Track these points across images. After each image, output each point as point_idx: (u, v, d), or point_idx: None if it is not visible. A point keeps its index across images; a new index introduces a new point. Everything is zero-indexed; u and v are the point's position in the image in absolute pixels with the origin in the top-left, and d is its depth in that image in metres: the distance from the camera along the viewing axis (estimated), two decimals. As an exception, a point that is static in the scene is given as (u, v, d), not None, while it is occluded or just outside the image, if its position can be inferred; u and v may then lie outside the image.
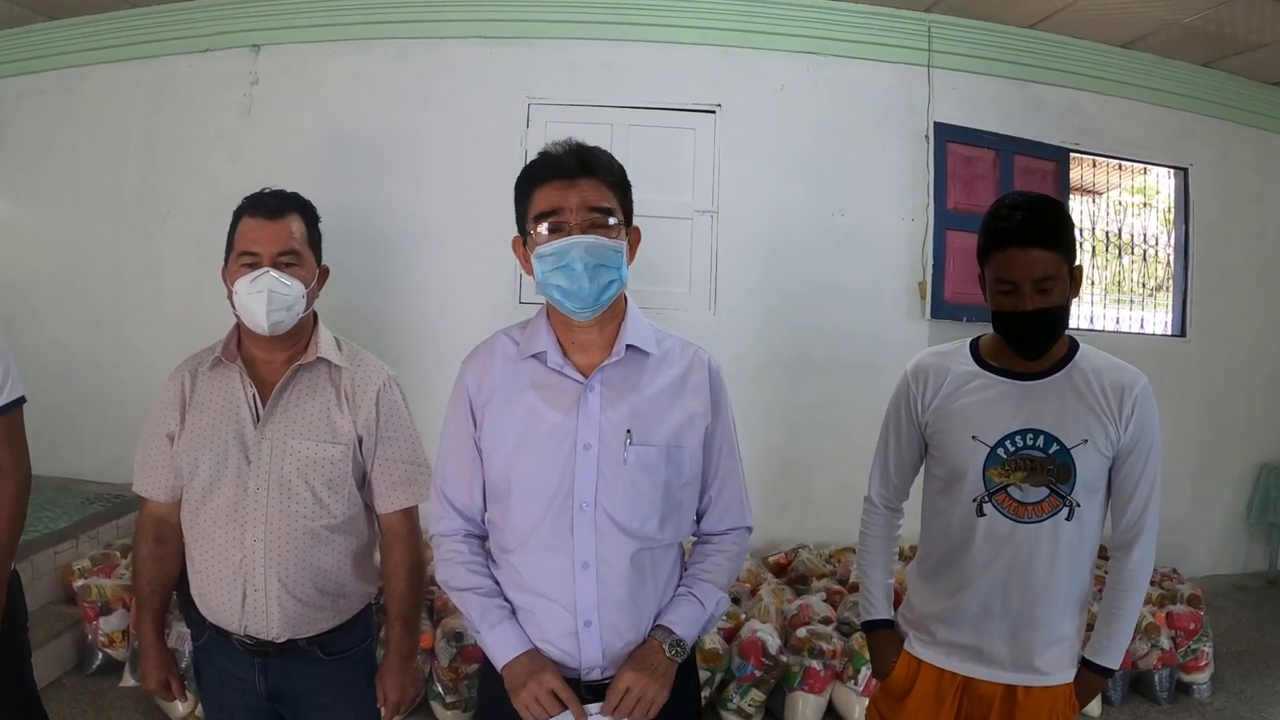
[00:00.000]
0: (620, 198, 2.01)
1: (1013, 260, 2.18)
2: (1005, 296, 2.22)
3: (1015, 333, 2.24)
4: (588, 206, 1.93)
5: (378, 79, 5.97)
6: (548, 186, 1.96)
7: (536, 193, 1.97)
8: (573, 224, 1.92)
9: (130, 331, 6.19)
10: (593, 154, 1.99)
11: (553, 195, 1.94)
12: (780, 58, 5.98)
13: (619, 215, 1.98)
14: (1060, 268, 2.19)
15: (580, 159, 1.96)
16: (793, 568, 5.44)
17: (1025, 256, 2.16)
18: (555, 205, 1.94)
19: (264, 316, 2.24)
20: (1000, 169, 6.21)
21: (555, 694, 1.92)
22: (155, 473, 2.42)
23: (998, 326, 2.29)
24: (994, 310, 2.27)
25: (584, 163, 1.96)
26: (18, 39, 6.33)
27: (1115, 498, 2.35)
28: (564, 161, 1.96)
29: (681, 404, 2.05)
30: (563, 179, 1.95)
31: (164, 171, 6.15)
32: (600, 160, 1.99)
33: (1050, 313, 2.20)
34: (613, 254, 1.94)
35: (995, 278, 2.23)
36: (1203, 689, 4.78)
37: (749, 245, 5.97)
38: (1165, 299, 7.06)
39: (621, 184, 2.03)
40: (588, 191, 1.94)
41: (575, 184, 1.94)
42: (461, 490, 2.12)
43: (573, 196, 1.93)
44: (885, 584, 2.58)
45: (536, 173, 1.99)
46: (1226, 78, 6.64)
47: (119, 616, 4.45)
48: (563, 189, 1.94)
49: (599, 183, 1.96)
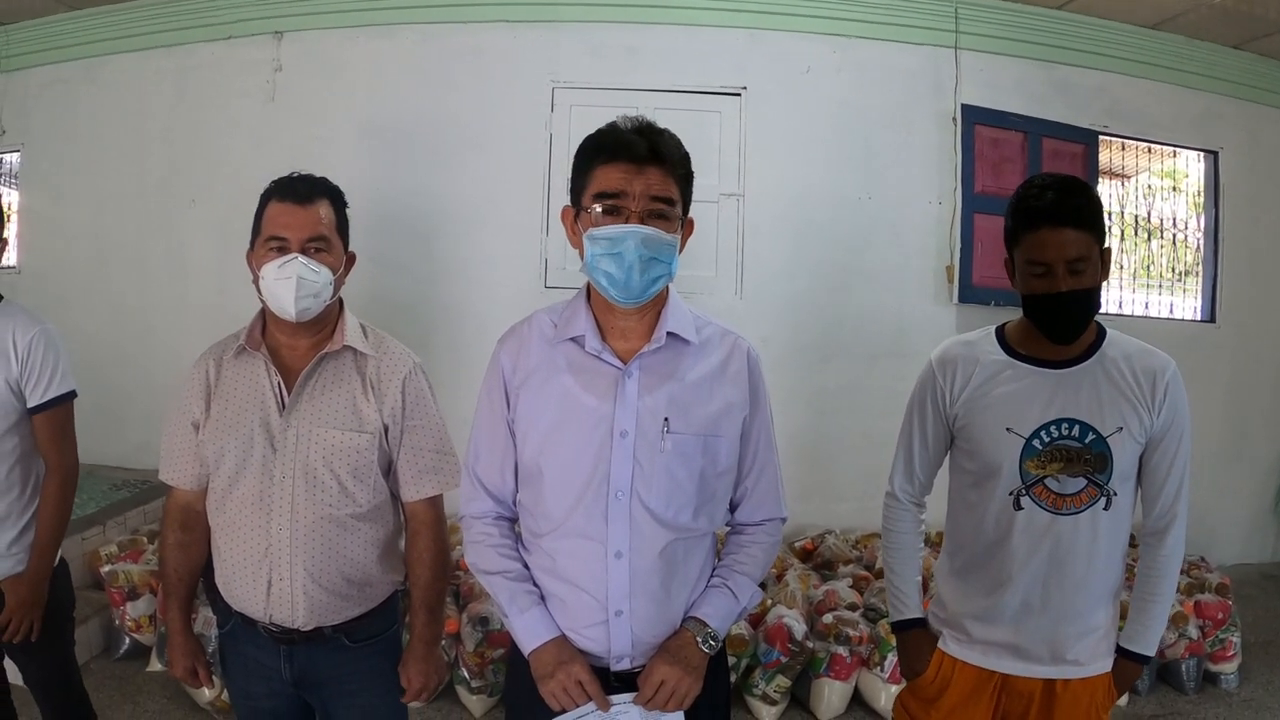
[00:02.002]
0: (684, 189, 1.94)
1: (1045, 241, 2.14)
2: (1038, 279, 2.17)
3: (1049, 316, 2.20)
4: (651, 195, 1.87)
5: (401, 64, 5.96)
6: (613, 166, 1.88)
7: (600, 170, 1.90)
8: (632, 211, 1.86)
9: (156, 319, 6.24)
10: (664, 139, 1.92)
11: (617, 177, 1.87)
12: (806, 40, 5.94)
13: (680, 208, 1.93)
14: (1092, 249, 2.15)
15: (651, 143, 1.88)
16: (819, 553, 5.43)
17: (1058, 236, 2.13)
18: (618, 188, 1.87)
19: (292, 303, 2.22)
20: (1028, 152, 6.15)
21: (582, 685, 1.90)
22: (181, 461, 2.41)
23: (1029, 310, 2.25)
24: (1025, 294, 2.23)
25: (654, 148, 1.88)
26: (41, 29, 6.37)
27: (1147, 484, 2.31)
28: (634, 143, 1.88)
29: (720, 393, 2.01)
30: (630, 162, 1.87)
31: (188, 159, 6.18)
32: (670, 147, 1.92)
33: (1084, 294, 2.16)
34: (667, 248, 1.89)
35: (1027, 259, 2.19)
36: (1230, 679, 4.74)
37: (775, 228, 5.95)
38: (1194, 284, 6.99)
39: (687, 175, 1.96)
40: (653, 179, 1.87)
41: (643, 170, 1.87)
42: (493, 471, 2.09)
43: (638, 183, 1.86)
44: (915, 581, 2.54)
45: (605, 147, 1.91)
46: (1257, 59, 6.55)
47: (146, 601, 4.48)
48: (629, 173, 1.87)
49: (666, 173, 1.89)
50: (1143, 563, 2.36)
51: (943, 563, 2.53)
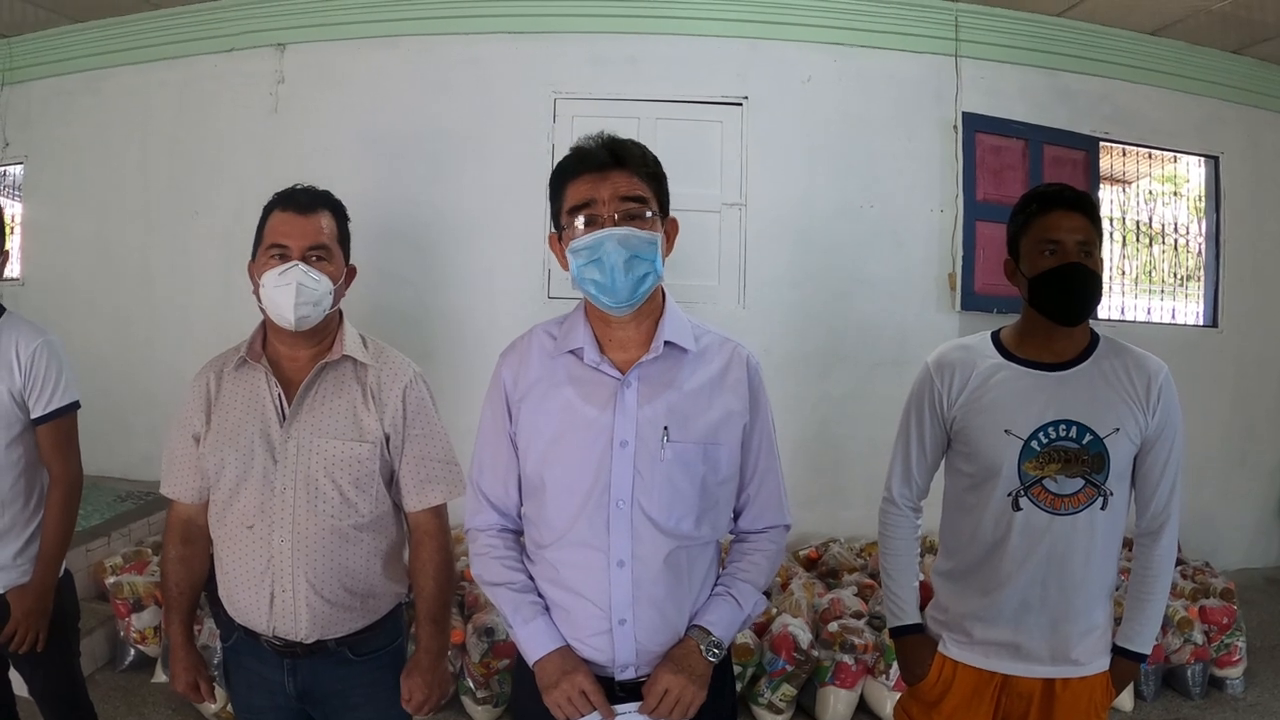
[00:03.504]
0: (655, 188, 1.99)
1: (1059, 221, 2.24)
2: (1049, 256, 2.24)
3: (1060, 292, 2.24)
4: (620, 196, 1.92)
5: (403, 75, 5.98)
6: (580, 180, 1.94)
7: (569, 187, 1.96)
8: (605, 215, 1.91)
9: (160, 330, 6.26)
10: (624, 145, 1.97)
11: (584, 188, 1.93)
12: (807, 49, 5.95)
13: (653, 206, 1.96)
14: (1096, 240, 2.25)
15: (611, 150, 1.95)
16: (824, 562, 5.42)
17: (1070, 218, 2.24)
18: (588, 197, 1.92)
19: (291, 310, 2.23)
20: (1030, 159, 6.15)
21: (586, 694, 1.91)
22: (181, 474, 2.41)
23: (1038, 292, 2.28)
24: (1033, 276, 2.28)
25: (615, 154, 1.95)
26: (43, 42, 6.41)
27: (1141, 485, 2.35)
28: (595, 154, 1.95)
29: (720, 401, 2.03)
30: (594, 171, 1.93)
31: (191, 171, 6.20)
32: (632, 151, 1.97)
33: (1093, 274, 2.23)
34: (647, 245, 1.92)
35: (1039, 239, 2.26)
36: (1236, 684, 4.73)
37: (777, 238, 5.95)
38: (1196, 289, 6.98)
39: (656, 175, 2.01)
40: (620, 182, 1.93)
41: (607, 176, 1.93)
42: (497, 485, 2.11)
43: (604, 188, 1.92)
44: (913, 587, 2.55)
45: (569, 167, 1.98)
46: (1257, 64, 6.56)
47: (151, 613, 4.48)
48: (594, 181, 1.93)
49: (631, 173, 1.94)
50: (1138, 562, 2.40)
51: (940, 564, 2.55)
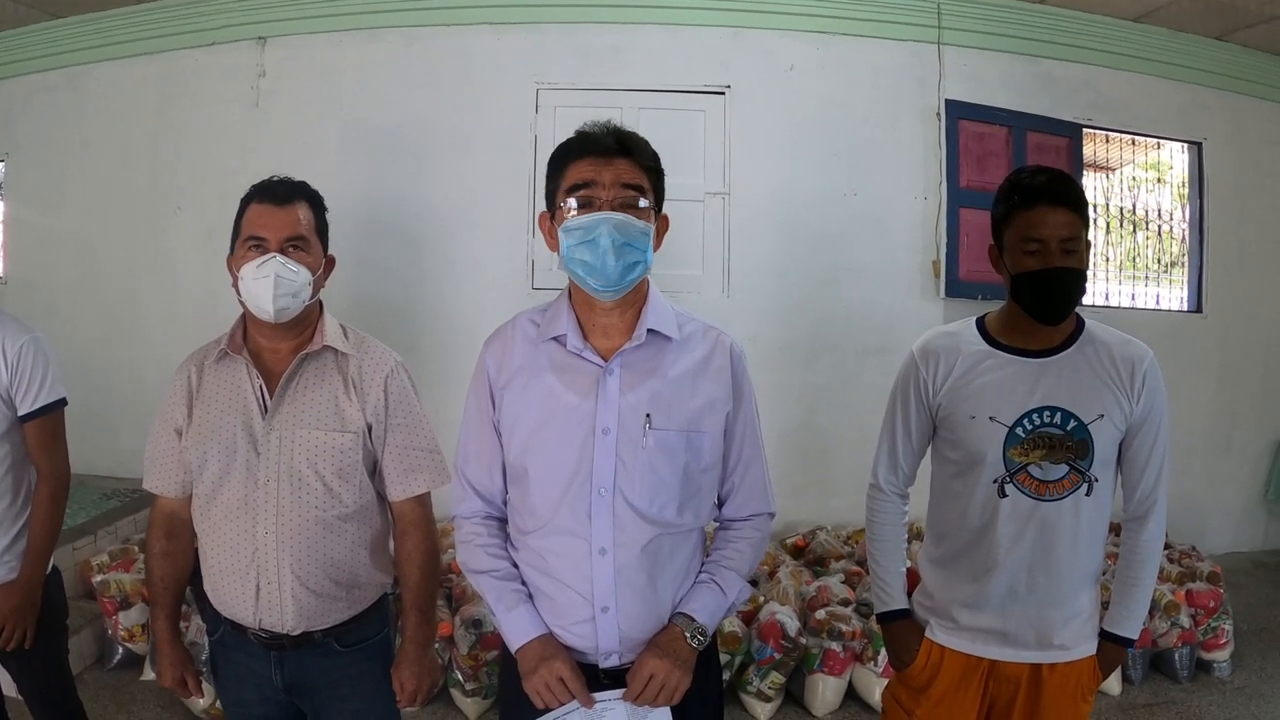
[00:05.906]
0: (654, 182, 2.00)
1: (1042, 218, 2.20)
2: (1031, 256, 2.23)
3: (1041, 294, 2.23)
4: (621, 183, 1.92)
5: (386, 68, 5.96)
6: (583, 161, 1.95)
7: (570, 167, 1.96)
8: (604, 200, 1.91)
9: (145, 325, 6.23)
10: (630, 135, 1.99)
11: (587, 169, 1.93)
12: (790, 38, 5.96)
13: (650, 198, 1.97)
14: (1081, 233, 2.22)
15: (618, 138, 1.96)
16: (811, 549, 5.43)
17: (1054, 215, 2.20)
18: (589, 179, 1.92)
19: (270, 301, 2.23)
20: (1013, 146, 6.16)
21: (564, 681, 1.92)
22: (164, 468, 2.41)
23: (1019, 291, 2.27)
24: (1016, 274, 2.27)
25: (621, 142, 1.96)
26: (24, 38, 6.35)
27: (1128, 471, 2.36)
28: (601, 139, 1.96)
29: (702, 388, 2.03)
30: (599, 155, 1.94)
31: (174, 166, 6.17)
32: (638, 142, 1.99)
33: (1075, 274, 2.21)
34: (640, 235, 1.93)
35: (1021, 237, 2.24)
36: (1223, 667, 4.75)
37: (761, 227, 5.96)
38: (1180, 275, 7.02)
39: (656, 170, 2.02)
40: (622, 169, 1.93)
41: (611, 162, 1.93)
42: (481, 472, 2.11)
43: (607, 173, 1.92)
44: (899, 573, 2.56)
45: (573, 147, 1.98)
46: (1240, 50, 6.58)
47: (138, 611, 4.47)
48: (598, 165, 1.93)
49: (634, 163, 1.95)
50: (1125, 547, 2.40)
51: (927, 552, 2.55)
